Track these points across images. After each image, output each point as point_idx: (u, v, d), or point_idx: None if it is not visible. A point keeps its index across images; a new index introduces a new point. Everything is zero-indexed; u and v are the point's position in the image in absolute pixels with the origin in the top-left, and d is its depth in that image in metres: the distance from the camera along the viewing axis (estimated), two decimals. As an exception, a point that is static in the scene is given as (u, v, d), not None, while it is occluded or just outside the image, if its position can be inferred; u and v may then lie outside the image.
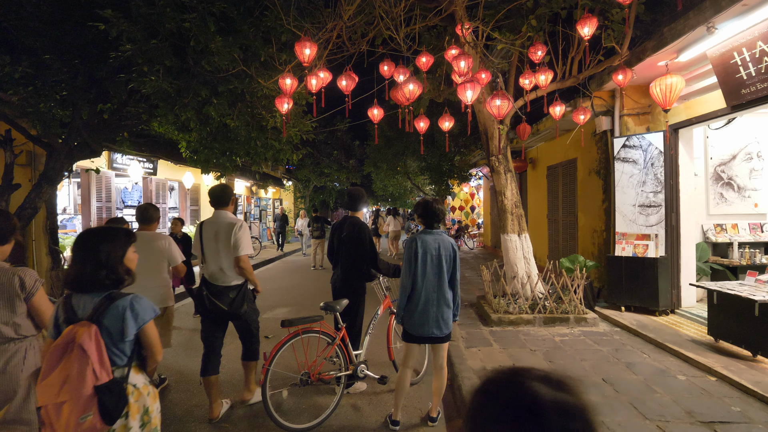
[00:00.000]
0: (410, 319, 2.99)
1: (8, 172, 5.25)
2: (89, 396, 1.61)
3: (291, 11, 4.77)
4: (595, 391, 3.45)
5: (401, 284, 3.04)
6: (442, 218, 3.12)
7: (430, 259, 2.96)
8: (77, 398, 1.60)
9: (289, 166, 20.93)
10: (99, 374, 1.64)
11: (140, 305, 1.79)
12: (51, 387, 1.60)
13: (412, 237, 3.05)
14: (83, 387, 1.60)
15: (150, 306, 1.84)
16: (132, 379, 1.79)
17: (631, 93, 5.98)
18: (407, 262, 3.00)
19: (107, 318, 1.72)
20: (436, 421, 3.17)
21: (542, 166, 10.00)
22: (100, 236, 1.85)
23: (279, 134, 6.46)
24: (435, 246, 2.97)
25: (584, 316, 5.26)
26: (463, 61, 4.35)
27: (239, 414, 3.37)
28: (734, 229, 6.27)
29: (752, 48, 3.95)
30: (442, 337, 3.00)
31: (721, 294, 4.18)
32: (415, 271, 2.96)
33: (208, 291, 3.25)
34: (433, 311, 2.95)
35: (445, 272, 2.97)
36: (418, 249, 2.96)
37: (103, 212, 9.35)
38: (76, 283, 1.77)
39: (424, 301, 2.96)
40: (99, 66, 5.00)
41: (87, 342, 1.62)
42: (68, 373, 1.61)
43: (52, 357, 1.63)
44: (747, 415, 3.03)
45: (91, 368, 1.62)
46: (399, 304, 3.07)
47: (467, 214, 20.17)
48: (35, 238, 6.57)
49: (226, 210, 3.42)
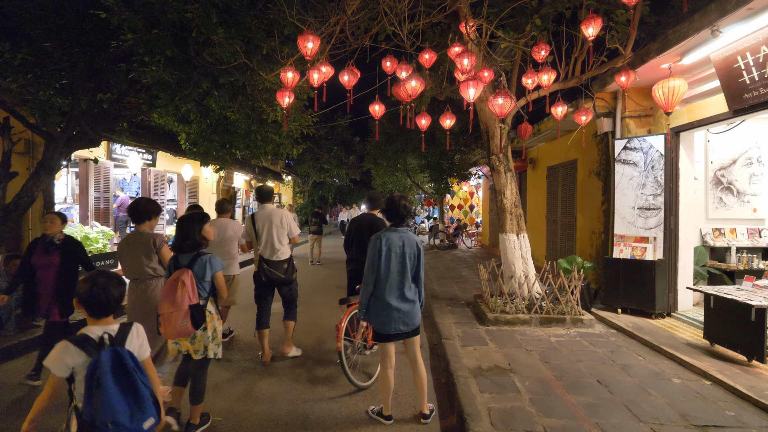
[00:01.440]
0: (375, 317, 3.03)
1: (6, 160, 5.21)
2: (186, 310, 2.74)
3: (294, 4, 4.74)
4: (590, 393, 3.46)
5: (364, 281, 3.06)
6: (408, 215, 3.14)
7: (394, 257, 2.99)
8: (180, 311, 2.72)
9: (288, 161, 20.88)
10: (192, 298, 2.77)
11: (215, 260, 2.99)
12: (166, 304, 2.74)
13: (377, 235, 3.08)
14: (183, 304, 2.73)
15: (220, 262, 3.03)
16: (208, 307, 2.95)
17: (633, 95, 5.97)
18: (370, 258, 3.02)
19: (196, 266, 2.89)
20: (429, 418, 3.17)
21: (542, 166, 9.99)
22: (183, 220, 3.00)
23: (279, 128, 6.43)
24: (399, 243, 3.01)
25: (580, 318, 5.26)
26: (466, 58, 4.33)
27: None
28: (732, 234, 6.28)
29: (756, 52, 3.94)
30: (409, 332, 3.06)
31: (718, 298, 4.18)
32: (379, 268, 2.99)
33: (268, 265, 4.25)
34: (397, 307, 2.98)
35: (408, 269, 3.02)
36: (383, 246, 2.99)
37: (101, 203, 9.31)
38: (177, 248, 2.97)
39: (386, 297, 2.98)
40: (99, 55, 4.97)
41: (186, 279, 2.77)
42: (176, 297, 2.72)
43: (167, 288, 2.79)
44: (741, 420, 3.04)
45: (187, 294, 2.75)
46: (361, 301, 3.09)
47: (466, 212, 20.17)
48: (32, 228, 6.54)
49: (269, 204, 4.44)
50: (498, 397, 3.38)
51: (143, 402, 1.83)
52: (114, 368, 1.80)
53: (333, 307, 6.66)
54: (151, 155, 10.54)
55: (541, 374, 3.83)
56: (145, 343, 2.04)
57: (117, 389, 1.78)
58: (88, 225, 8.46)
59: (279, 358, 4.45)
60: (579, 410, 3.16)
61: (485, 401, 3.30)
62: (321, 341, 5.07)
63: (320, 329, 5.53)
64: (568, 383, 3.63)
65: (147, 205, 3.44)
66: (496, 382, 3.64)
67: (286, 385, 3.84)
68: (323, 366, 4.30)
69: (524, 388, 3.53)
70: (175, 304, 2.70)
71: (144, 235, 3.38)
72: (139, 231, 3.43)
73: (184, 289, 2.73)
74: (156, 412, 1.89)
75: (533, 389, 3.52)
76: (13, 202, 5.17)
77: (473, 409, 3.16)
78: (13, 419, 3.20)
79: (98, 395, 1.74)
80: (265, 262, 4.26)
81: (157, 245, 3.35)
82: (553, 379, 3.71)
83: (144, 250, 3.34)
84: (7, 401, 3.48)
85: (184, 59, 4.91)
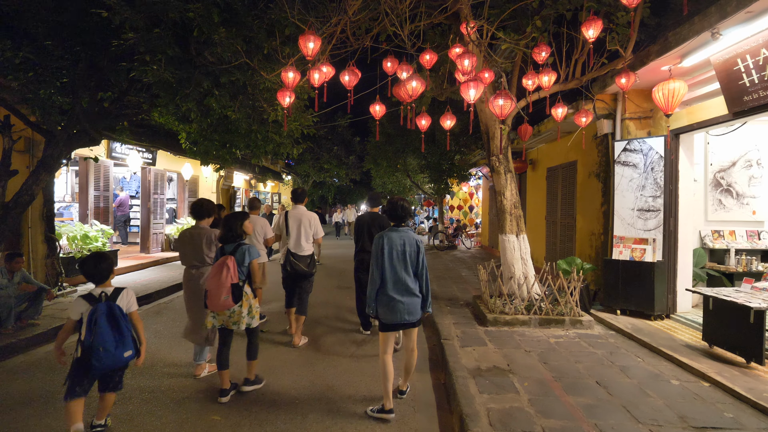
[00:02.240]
0: (381, 309, 3.28)
1: (6, 158, 5.21)
2: (228, 288, 3.33)
3: (296, 4, 4.75)
4: (588, 394, 3.46)
5: (371, 278, 3.32)
6: (408, 216, 3.41)
7: (396, 255, 3.25)
8: (224, 287, 3.32)
9: (288, 160, 20.90)
10: (233, 278, 3.37)
11: (253, 249, 3.60)
12: (214, 281, 3.35)
13: (380, 235, 3.34)
14: (227, 283, 3.33)
15: (257, 252, 3.66)
16: (245, 288, 3.52)
17: (633, 97, 5.98)
18: (375, 257, 3.30)
19: (237, 253, 3.50)
20: (404, 395, 3.59)
21: (542, 167, 10.00)
22: (229, 216, 3.65)
23: (280, 128, 6.43)
24: (400, 242, 3.27)
25: (580, 319, 5.27)
26: (467, 59, 4.34)
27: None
28: (732, 236, 6.29)
29: (756, 55, 3.95)
30: (412, 323, 3.31)
31: (717, 300, 4.19)
32: (383, 265, 3.25)
33: (294, 258, 4.85)
34: (401, 300, 3.21)
35: (410, 265, 3.27)
36: (384, 245, 3.26)
37: (101, 201, 9.31)
38: (223, 239, 3.61)
39: (391, 291, 3.23)
40: (101, 53, 4.97)
41: (230, 263, 3.39)
42: (221, 277, 3.34)
43: (214, 269, 3.41)
44: (739, 422, 3.04)
45: (230, 275, 3.35)
46: (369, 295, 3.33)
47: (465, 213, 20.17)
48: (31, 226, 6.53)
49: (302, 205, 5.07)
50: (497, 397, 3.38)
51: (125, 339, 2.80)
52: (107, 315, 2.76)
53: (333, 307, 6.66)
54: (151, 154, 10.53)
55: (540, 375, 3.83)
56: (132, 301, 2.97)
57: (108, 328, 2.73)
58: (88, 223, 8.46)
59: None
60: (578, 411, 3.17)
61: (484, 402, 3.30)
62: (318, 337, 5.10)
63: (323, 328, 5.54)
64: (567, 384, 3.64)
65: (208, 205, 4.11)
66: (495, 383, 3.65)
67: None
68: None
69: (523, 389, 3.54)
70: (220, 282, 3.32)
71: (205, 230, 4.00)
72: (199, 226, 4.03)
73: (228, 271, 3.34)
74: (134, 349, 2.87)
75: (532, 390, 3.52)
76: (13, 200, 5.17)
77: (472, 409, 3.17)
78: (12, 420, 3.20)
79: (95, 330, 2.69)
80: (291, 255, 4.87)
81: (214, 239, 3.98)
82: (551, 380, 3.72)
83: (206, 242, 3.96)
84: (7, 401, 3.48)
85: (185, 58, 4.92)
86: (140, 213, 10.93)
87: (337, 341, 5.07)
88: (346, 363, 4.40)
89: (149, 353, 4.37)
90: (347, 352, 4.71)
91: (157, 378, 3.93)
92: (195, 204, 4.08)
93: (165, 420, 3.19)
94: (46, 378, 3.87)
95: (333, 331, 5.45)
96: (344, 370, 4.19)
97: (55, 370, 4.01)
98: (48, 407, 3.32)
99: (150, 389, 3.69)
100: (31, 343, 4.67)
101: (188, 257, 4.00)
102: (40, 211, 6.66)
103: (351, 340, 5.11)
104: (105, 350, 2.67)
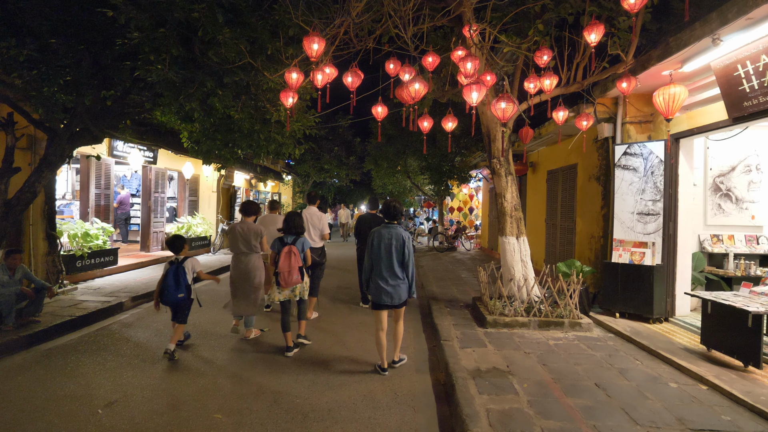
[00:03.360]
0: (372, 291, 4.03)
1: (9, 156, 5.23)
2: (296, 269, 4.44)
3: (300, 6, 4.77)
4: (587, 396, 3.48)
5: (365, 265, 4.10)
6: (399, 215, 4.09)
7: (383, 246, 3.95)
8: (294, 269, 4.42)
9: (289, 160, 20.89)
10: (298, 262, 4.46)
11: (306, 242, 4.69)
12: (285, 265, 4.39)
13: (372, 230, 4.09)
14: (296, 265, 4.44)
15: (309, 243, 4.76)
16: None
17: (634, 101, 6.01)
18: (368, 248, 4.06)
19: (297, 243, 4.54)
20: (397, 364, 4.23)
21: (542, 170, 10.03)
22: (290, 214, 4.67)
23: (282, 128, 6.46)
24: (388, 237, 3.96)
25: (579, 321, 5.29)
26: (469, 62, 4.37)
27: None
28: (731, 240, 6.32)
29: (756, 61, 3.98)
30: (397, 305, 4.00)
31: (716, 304, 4.21)
32: (372, 255, 4.01)
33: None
34: (387, 284, 3.93)
35: (395, 255, 3.93)
36: (374, 239, 4.01)
37: (101, 199, 9.31)
38: (286, 231, 4.61)
39: (379, 277, 3.96)
40: (105, 52, 4.99)
41: (294, 251, 4.46)
42: (291, 261, 4.41)
43: (284, 256, 4.43)
44: (737, 425, 3.06)
45: (296, 259, 4.44)
46: (363, 278, 4.15)
47: (465, 215, 20.19)
48: (33, 223, 6.53)
49: (314, 206, 6.16)
50: (496, 398, 3.40)
51: (181, 285, 4.42)
52: (174, 271, 4.42)
53: (333, 306, 6.69)
54: (152, 153, 10.54)
55: (540, 377, 3.85)
56: (195, 264, 4.62)
57: (172, 279, 4.39)
58: (89, 221, 8.46)
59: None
60: (576, 413, 3.19)
61: (484, 402, 3.32)
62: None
63: (321, 329, 5.56)
64: (566, 386, 3.66)
65: (255, 206, 5.15)
66: (495, 384, 3.67)
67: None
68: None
69: (522, 390, 3.56)
70: (291, 265, 4.40)
71: (253, 225, 5.01)
72: (247, 222, 5.03)
73: (294, 257, 4.44)
74: (186, 293, 4.45)
75: (531, 391, 3.54)
76: (15, 198, 5.19)
77: (472, 410, 3.19)
78: (13, 417, 3.21)
79: (167, 279, 4.39)
80: None
81: (261, 234, 5.00)
82: (551, 382, 3.74)
83: (254, 235, 4.96)
84: (7, 399, 3.49)
85: (189, 58, 4.94)
86: (141, 211, 10.93)
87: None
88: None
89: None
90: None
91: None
92: (244, 204, 5.12)
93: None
94: (46, 375, 3.88)
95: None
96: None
97: (55, 368, 4.03)
98: (49, 404, 3.34)
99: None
100: (32, 341, 4.68)
101: (238, 246, 4.96)
102: (41, 208, 6.66)
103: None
104: (168, 290, 4.36)
